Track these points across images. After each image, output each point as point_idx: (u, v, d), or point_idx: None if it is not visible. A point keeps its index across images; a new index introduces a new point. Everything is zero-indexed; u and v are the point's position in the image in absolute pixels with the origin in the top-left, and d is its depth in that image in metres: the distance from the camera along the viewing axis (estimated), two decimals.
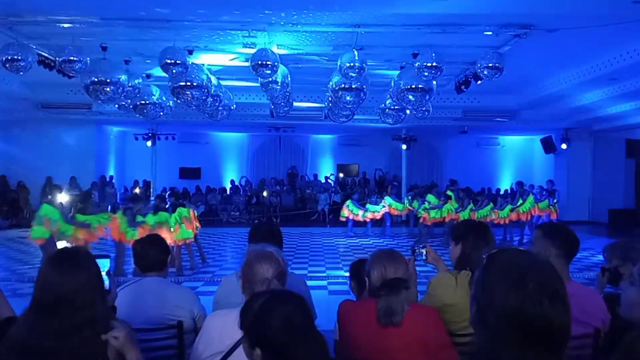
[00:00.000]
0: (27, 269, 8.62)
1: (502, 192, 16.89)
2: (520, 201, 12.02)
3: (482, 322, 1.19)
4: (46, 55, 8.18)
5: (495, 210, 11.88)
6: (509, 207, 11.93)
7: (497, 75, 7.87)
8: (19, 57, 7.13)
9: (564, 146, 16.19)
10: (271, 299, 1.58)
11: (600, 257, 10.30)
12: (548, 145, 16.80)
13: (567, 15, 6.82)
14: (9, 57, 7.10)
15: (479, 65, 7.88)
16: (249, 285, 2.13)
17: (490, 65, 7.71)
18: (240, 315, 1.59)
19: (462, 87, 9.48)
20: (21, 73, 7.32)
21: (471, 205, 11.82)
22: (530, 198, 12.07)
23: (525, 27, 7.29)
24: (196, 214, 9.12)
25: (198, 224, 8.91)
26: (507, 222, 11.84)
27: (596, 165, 16.22)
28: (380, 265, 2.26)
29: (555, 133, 16.35)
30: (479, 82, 8.60)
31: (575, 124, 15.08)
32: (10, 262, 9.52)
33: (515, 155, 19.21)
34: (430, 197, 12.26)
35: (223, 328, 2.08)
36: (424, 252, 2.90)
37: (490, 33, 7.51)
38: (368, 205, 13.58)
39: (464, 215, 11.40)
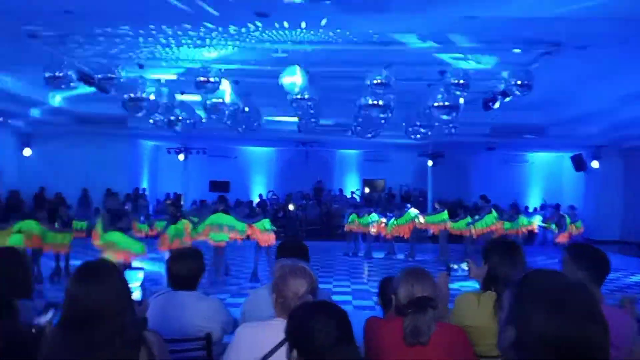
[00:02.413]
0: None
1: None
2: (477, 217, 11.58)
3: (518, 346, 1.15)
4: (86, 71, 8.56)
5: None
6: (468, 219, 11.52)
7: (526, 93, 7.85)
8: (61, 74, 7.50)
9: (594, 164, 15.84)
10: (317, 307, 1.71)
11: (633, 279, 10.00)
12: (578, 163, 16.46)
13: (597, 34, 6.80)
14: (52, 74, 7.48)
15: (507, 82, 7.88)
16: (282, 300, 2.15)
17: (519, 82, 7.70)
18: (287, 319, 1.72)
19: (490, 104, 9.45)
20: (62, 87, 7.66)
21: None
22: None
23: (555, 45, 7.28)
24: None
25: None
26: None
27: (627, 184, 15.80)
28: (407, 283, 2.22)
29: (586, 150, 16.03)
30: (507, 99, 8.58)
31: (607, 142, 14.76)
32: None
33: (544, 173, 18.86)
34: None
35: (253, 340, 2.10)
36: (466, 268, 2.72)
37: (519, 51, 7.53)
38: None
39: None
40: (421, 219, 11.70)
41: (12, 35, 7.21)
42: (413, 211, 11.86)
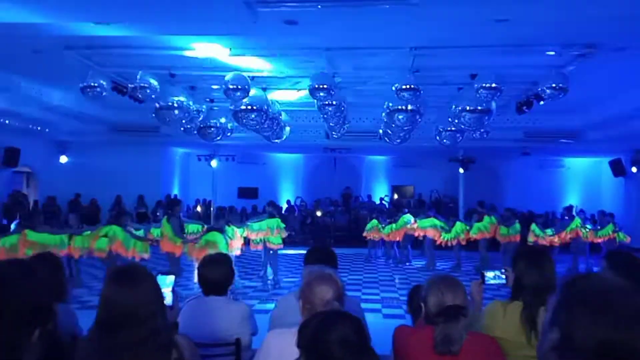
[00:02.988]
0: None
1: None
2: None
3: (562, 349, 1.12)
4: (119, 82, 8.78)
5: None
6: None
7: (560, 96, 7.64)
8: (96, 84, 7.73)
9: (634, 169, 15.25)
10: (329, 317, 1.65)
11: None
12: (617, 168, 15.89)
13: (636, 33, 6.54)
14: (87, 84, 7.71)
15: (541, 86, 7.68)
16: (309, 306, 2.16)
17: (554, 85, 7.50)
18: (298, 332, 1.65)
19: (524, 107, 9.22)
20: (102, 93, 7.85)
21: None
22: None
23: (590, 47, 7.05)
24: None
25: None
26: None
27: None
28: (437, 291, 2.18)
29: (625, 155, 15.45)
30: (542, 102, 8.36)
31: None
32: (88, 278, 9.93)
33: (582, 178, 18.27)
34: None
35: (282, 347, 2.11)
36: (503, 276, 2.64)
37: (553, 53, 7.33)
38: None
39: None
40: (413, 224, 11.69)
41: (49, 47, 7.46)
42: (407, 216, 11.90)
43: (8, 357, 1.22)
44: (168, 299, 2.04)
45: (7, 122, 11.94)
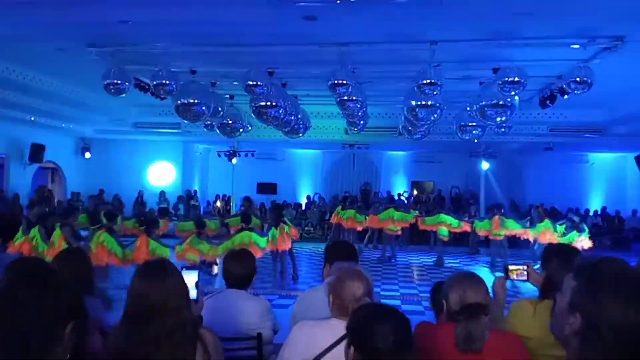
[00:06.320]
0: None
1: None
2: None
3: (586, 334, 1.12)
4: (141, 79, 8.89)
5: None
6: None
7: (585, 90, 7.48)
8: (119, 82, 7.84)
9: None
10: (380, 310, 1.74)
11: None
12: None
13: None
14: (110, 82, 7.83)
15: (565, 79, 7.54)
16: (339, 301, 2.19)
17: (578, 79, 7.35)
18: (350, 315, 1.77)
19: (547, 102, 9.05)
20: (123, 95, 8.00)
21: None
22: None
23: (617, 40, 6.87)
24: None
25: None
26: None
27: None
28: (459, 289, 2.17)
29: None
30: (566, 96, 8.19)
31: None
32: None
33: (607, 174, 17.87)
34: None
35: (310, 338, 2.15)
36: (525, 272, 2.64)
37: (577, 46, 7.17)
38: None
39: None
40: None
41: (75, 44, 7.60)
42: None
43: (44, 352, 1.24)
44: (192, 293, 2.09)
45: (32, 119, 12.23)
